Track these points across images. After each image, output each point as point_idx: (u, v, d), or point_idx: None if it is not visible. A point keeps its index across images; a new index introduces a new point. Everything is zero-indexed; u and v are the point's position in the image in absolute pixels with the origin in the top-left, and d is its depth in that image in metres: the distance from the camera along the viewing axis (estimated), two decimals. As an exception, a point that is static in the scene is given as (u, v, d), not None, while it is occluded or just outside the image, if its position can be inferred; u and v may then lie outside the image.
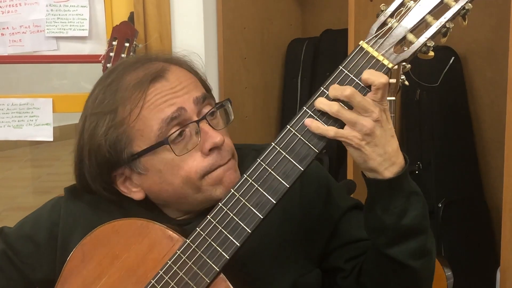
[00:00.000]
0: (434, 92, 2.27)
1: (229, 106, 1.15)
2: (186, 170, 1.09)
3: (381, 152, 0.99)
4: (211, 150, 1.09)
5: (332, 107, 0.98)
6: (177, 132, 1.08)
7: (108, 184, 1.13)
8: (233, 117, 1.15)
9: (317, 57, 2.56)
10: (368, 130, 0.97)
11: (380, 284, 1.11)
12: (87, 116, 1.12)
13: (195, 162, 1.09)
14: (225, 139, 1.11)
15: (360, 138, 0.98)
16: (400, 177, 1.01)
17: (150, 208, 1.16)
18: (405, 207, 1.02)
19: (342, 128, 0.99)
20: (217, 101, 1.16)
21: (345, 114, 0.98)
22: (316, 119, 1.00)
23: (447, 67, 2.10)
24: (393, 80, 1.70)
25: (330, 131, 0.99)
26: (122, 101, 1.08)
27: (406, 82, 1.84)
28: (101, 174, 1.12)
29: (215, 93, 2.33)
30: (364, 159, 1.00)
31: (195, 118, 1.09)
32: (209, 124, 1.10)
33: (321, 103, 0.99)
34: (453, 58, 2.26)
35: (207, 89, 1.17)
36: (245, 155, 1.16)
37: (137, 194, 1.14)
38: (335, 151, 2.36)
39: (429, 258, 1.08)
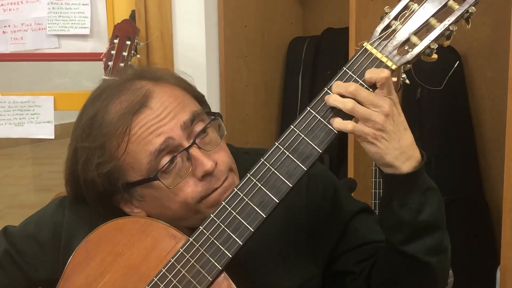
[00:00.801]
0: (435, 91, 2.27)
1: (221, 121, 1.13)
2: (182, 197, 1.08)
3: (397, 146, 0.99)
4: (204, 176, 1.07)
5: (346, 104, 0.98)
6: (167, 163, 1.06)
7: (109, 207, 1.13)
8: (226, 133, 1.13)
9: (318, 56, 2.56)
10: (380, 125, 0.97)
11: (394, 283, 1.10)
12: (78, 148, 1.10)
13: (190, 188, 1.07)
14: (219, 157, 1.09)
15: (374, 133, 0.98)
16: (417, 172, 1.00)
17: None
18: (422, 202, 1.02)
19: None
20: (217, 99, 1.15)
21: (360, 110, 0.98)
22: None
23: (451, 71, 2.10)
24: (394, 79, 1.70)
25: (349, 124, 0.99)
26: (108, 136, 1.07)
27: (407, 81, 1.84)
28: (100, 201, 1.13)
29: (216, 91, 2.35)
30: (380, 155, 0.99)
31: (185, 143, 1.07)
32: (200, 148, 1.07)
33: (335, 100, 0.99)
34: (457, 62, 2.26)
35: (199, 99, 1.15)
36: (253, 161, 1.12)
37: (140, 214, 1.14)
38: (335, 150, 2.37)
39: (445, 255, 1.07)
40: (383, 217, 1.07)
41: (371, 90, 0.99)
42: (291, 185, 1.00)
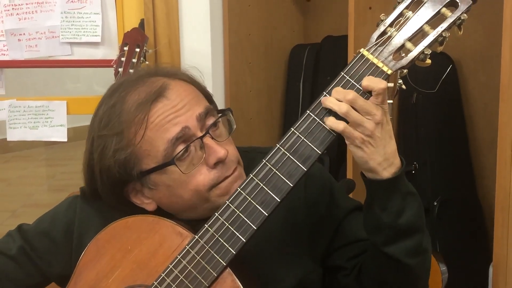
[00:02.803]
0: (430, 96, 2.27)
1: (231, 115, 1.14)
2: (194, 184, 1.08)
3: (381, 153, 1.00)
4: (216, 163, 1.08)
5: (341, 107, 0.99)
6: (183, 150, 1.07)
7: (121, 198, 1.14)
8: (235, 126, 1.14)
9: (318, 62, 2.56)
10: (369, 132, 0.98)
11: (378, 281, 1.11)
12: (94, 137, 1.10)
13: (202, 176, 1.08)
14: (229, 149, 1.10)
15: (362, 138, 0.99)
16: (397, 178, 1.02)
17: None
18: (402, 206, 1.03)
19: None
20: (222, 103, 1.16)
21: (353, 114, 0.99)
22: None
23: (444, 75, 2.10)
24: (391, 84, 1.71)
25: (340, 124, 0.99)
26: (127, 123, 1.07)
27: (404, 86, 1.84)
28: (113, 191, 1.12)
29: (221, 96, 2.35)
30: (365, 159, 1.00)
31: (199, 134, 1.08)
32: (213, 138, 1.08)
33: (330, 102, 1.00)
34: (450, 66, 2.26)
35: (209, 98, 1.16)
36: (252, 159, 1.15)
37: (149, 205, 1.14)
38: (335, 152, 2.37)
39: (424, 257, 1.09)
40: (365, 219, 1.08)
41: (367, 94, 1.00)
42: (292, 185, 1.01)
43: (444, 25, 0.99)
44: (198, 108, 1.09)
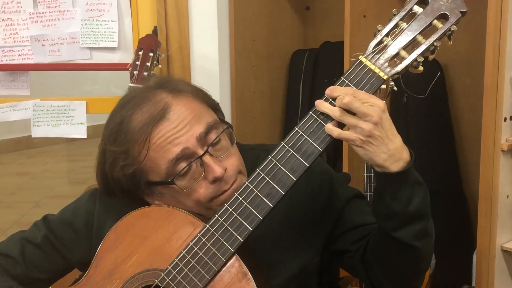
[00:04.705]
0: (419, 96, 2.27)
1: (231, 131, 1.12)
2: (196, 196, 1.08)
3: (385, 150, 0.98)
4: (214, 180, 1.07)
5: (334, 112, 0.99)
6: (184, 169, 1.06)
7: (133, 197, 1.14)
8: (236, 141, 1.12)
9: (316, 66, 2.56)
10: (368, 132, 0.97)
11: (385, 262, 1.11)
12: (106, 149, 1.10)
13: (202, 190, 1.08)
14: (229, 163, 1.08)
15: (362, 139, 0.98)
16: (406, 171, 1.00)
17: None
18: (411, 195, 1.02)
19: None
20: (228, 104, 1.15)
21: (346, 118, 0.98)
22: (321, 121, 1.01)
23: (434, 81, 2.10)
24: (383, 87, 1.71)
25: (335, 131, 0.99)
26: (131, 143, 1.07)
27: (395, 88, 1.84)
28: (126, 195, 1.13)
29: (228, 97, 2.35)
30: (369, 157, 1.00)
31: (200, 151, 1.06)
32: (212, 156, 1.07)
33: (324, 107, 0.99)
34: (439, 73, 2.26)
35: (215, 108, 1.14)
36: (258, 156, 1.15)
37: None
38: (332, 147, 2.37)
39: (429, 239, 1.08)
40: (376, 207, 1.07)
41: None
42: (295, 179, 1.01)
43: (436, 35, 0.99)
44: (198, 128, 1.07)
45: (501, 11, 1.69)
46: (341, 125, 1.00)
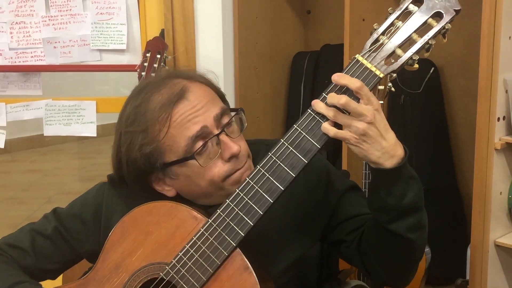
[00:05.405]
0: (416, 97, 2.27)
1: (243, 115, 1.13)
2: (211, 175, 1.08)
3: (378, 148, 0.98)
4: (230, 158, 1.08)
5: (329, 112, 0.98)
6: (201, 146, 1.07)
7: (144, 185, 1.13)
8: (246, 124, 1.13)
9: (317, 68, 2.55)
10: (362, 131, 0.97)
11: (380, 252, 1.10)
12: (122, 133, 1.10)
13: (217, 168, 1.08)
14: (241, 144, 1.10)
15: (356, 137, 0.97)
16: (400, 167, 1.00)
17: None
18: (405, 190, 1.01)
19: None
20: (232, 104, 1.15)
21: (340, 118, 0.98)
22: (319, 119, 1.00)
23: (427, 76, 2.09)
24: (381, 87, 1.70)
25: (331, 130, 0.99)
26: (151, 122, 1.07)
27: (393, 89, 1.82)
28: (138, 179, 1.12)
29: (232, 97, 2.35)
30: (363, 154, 0.99)
31: (216, 131, 1.08)
32: (227, 135, 1.08)
33: (320, 107, 0.99)
34: (432, 68, 2.26)
35: (222, 98, 1.15)
36: (258, 150, 1.15)
37: (169, 192, 1.14)
38: (332, 146, 2.36)
39: (423, 231, 1.07)
40: (371, 201, 1.06)
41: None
42: (294, 175, 1.00)
43: (431, 33, 0.97)
44: (215, 109, 1.09)
45: (495, 15, 1.68)
46: (338, 124, 0.99)
